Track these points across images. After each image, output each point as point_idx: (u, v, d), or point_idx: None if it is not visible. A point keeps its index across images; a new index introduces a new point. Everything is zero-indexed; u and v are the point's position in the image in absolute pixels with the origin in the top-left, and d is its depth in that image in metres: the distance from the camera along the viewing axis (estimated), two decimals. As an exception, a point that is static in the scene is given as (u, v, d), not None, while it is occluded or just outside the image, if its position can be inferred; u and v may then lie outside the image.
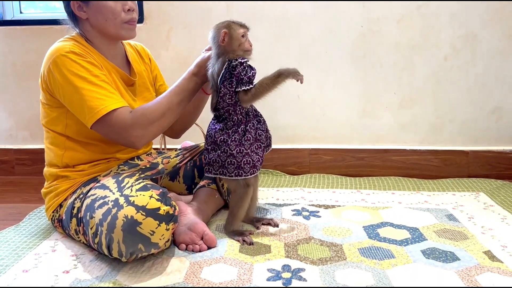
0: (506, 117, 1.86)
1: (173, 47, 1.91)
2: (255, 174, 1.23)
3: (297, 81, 1.18)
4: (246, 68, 1.17)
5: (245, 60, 1.18)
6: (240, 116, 1.21)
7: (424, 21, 1.82)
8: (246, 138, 1.21)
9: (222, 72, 1.18)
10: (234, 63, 1.17)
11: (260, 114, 1.27)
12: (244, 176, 1.20)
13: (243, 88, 1.17)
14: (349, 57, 1.87)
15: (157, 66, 1.46)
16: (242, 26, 1.20)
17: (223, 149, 1.20)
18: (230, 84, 1.18)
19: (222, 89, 1.19)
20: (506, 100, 1.85)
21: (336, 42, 1.87)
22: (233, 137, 1.20)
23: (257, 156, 1.23)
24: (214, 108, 1.24)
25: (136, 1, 1.25)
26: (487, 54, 1.82)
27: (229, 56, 1.18)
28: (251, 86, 1.17)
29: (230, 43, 1.18)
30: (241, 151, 1.20)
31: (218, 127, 1.22)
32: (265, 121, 1.27)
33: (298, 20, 1.86)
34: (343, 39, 1.86)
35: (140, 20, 1.88)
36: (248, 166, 1.20)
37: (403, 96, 1.89)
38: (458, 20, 1.80)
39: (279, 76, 1.16)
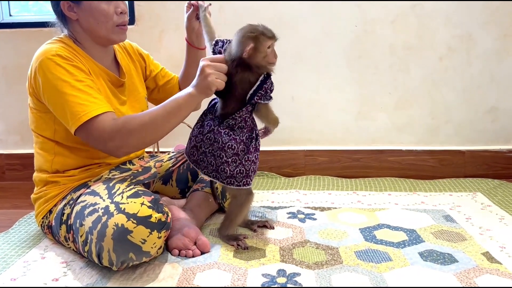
0: (502, 118, 1.85)
1: (165, 49, 1.89)
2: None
3: (265, 133, 1.21)
4: (272, 83, 1.15)
5: (271, 74, 1.16)
6: (250, 123, 1.19)
7: (419, 22, 1.81)
8: (253, 145, 1.18)
9: (258, 84, 1.13)
10: (265, 76, 1.14)
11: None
12: (250, 185, 1.18)
13: (265, 102, 1.15)
14: (344, 59, 1.86)
15: (148, 57, 1.43)
16: (271, 38, 1.12)
17: (246, 157, 1.16)
18: (259, 96, 1.14)
19: (254, 101, 1.15)
20: (502, 100, 1.84)
21: (331, 44, 1.85)
22: (253, 143, 1.17)
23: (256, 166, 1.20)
24: (229, 115, 1.16)
25: (127, 3, 1.22)
26: (483, 55, 1.81)
27: (263, 70, 1.14)
28: (268, 101, 1.16)
29: (255, 55, 1.11)
30: (249, 158, 1.17)
31: (238, 138, 1.16)
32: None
33: (293, 22, 1.84)
34: (338, 40, 1.85)
35: (131, 21, 1.86)
36: (253, 174, 1.19)
37: (399, 97, 1.87)
38: (453, 20, 1.79)
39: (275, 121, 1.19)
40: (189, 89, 1.12)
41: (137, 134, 1.10)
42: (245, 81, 1.13)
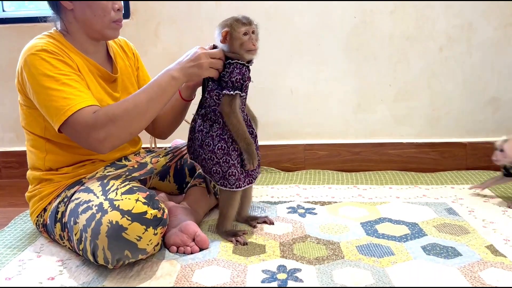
0: (503, 108, 1.82)
1: (162, 43, 1.86)
2: (241, 188, 1.16)
3: (247, 164, 1.14)
4: (235, 69, 1.11)
5: (237, 61, 1.12)
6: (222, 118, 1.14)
7: (418, 12, 1.78)
8: (234, 148, 1.14)
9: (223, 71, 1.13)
10: (230, 63, 1.12)
11: (253, 128, 1.19)
12: (229, 188, 1.14)
13: (225, 92, 1.12)
14: (342, 50, 1.83)
15: (140, 60, 1.40)
16: (245, 23, 1.11)
17: (209, 156, 1.15)
18: (223, 85, 1.12)
19: (211, 84, 1.14)
20: (503, 90, 1.81)
21: (329, 35, 1.82)
22: (219, 144, 1.14)
23: (241, 169, 1.16)
24: (201, 104, 1.19)
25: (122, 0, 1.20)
26: (483, 44, 1.78)
27: (243, 59, 1.13)
28: (231, 92, 1.11)
29: (232, 43, 1.12)
30: (227, 161, 1.14)
31: (205, 130, 1.16)
32: (256, 138, 1.20)
33: (289, 13, 1.81)
34: (336, 31, 1.82)
35: (126, 15, 1.83)
36: (234, 178, 1.14)
37: (398, 89, 1.84)
38: (453, 9, 1.76)
39: (248, 145, 1.12)
40: (172, 72, 1.11)
41: (120, 121, 1.05)
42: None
